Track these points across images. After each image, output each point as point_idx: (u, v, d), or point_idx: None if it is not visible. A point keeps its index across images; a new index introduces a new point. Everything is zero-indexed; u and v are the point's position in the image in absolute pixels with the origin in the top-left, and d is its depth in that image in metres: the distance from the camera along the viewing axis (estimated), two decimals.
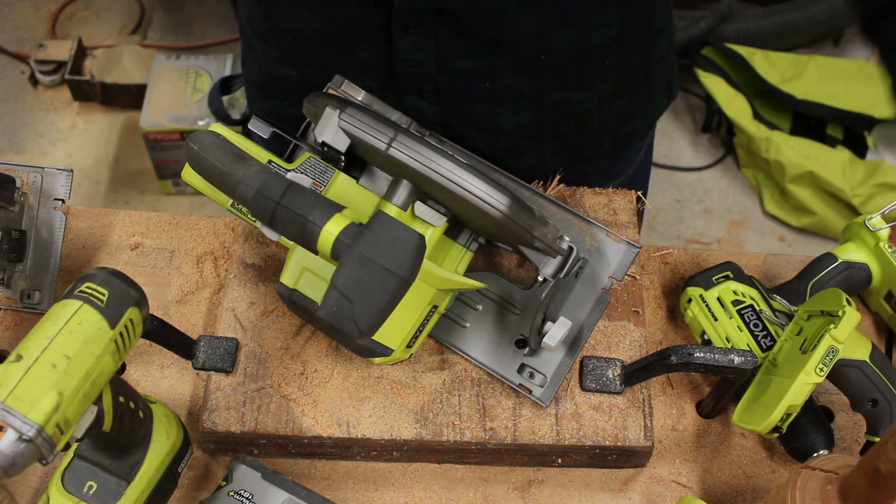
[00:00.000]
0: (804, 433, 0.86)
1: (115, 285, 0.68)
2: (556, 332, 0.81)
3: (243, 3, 1.03)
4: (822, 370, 0.79)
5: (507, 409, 0.86)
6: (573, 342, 0.89)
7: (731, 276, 0.91)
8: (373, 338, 0.79)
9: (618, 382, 0.87)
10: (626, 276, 0.92)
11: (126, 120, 2.57)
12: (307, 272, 0.79)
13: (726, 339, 0.89)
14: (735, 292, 0.90)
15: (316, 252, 0.66)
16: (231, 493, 0.79)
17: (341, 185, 0.84)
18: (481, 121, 0.99)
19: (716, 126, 2.44)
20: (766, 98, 2.29)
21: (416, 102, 0.97)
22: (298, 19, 0.95)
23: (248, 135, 0.88)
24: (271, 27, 0.99)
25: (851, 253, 0.94)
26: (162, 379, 0.93)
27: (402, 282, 0.63)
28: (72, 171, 0.95)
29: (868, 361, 0.84)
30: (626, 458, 0.88)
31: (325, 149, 0.77)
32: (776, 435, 0.81)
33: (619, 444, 0.85)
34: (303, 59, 0.99)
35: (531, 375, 0.88)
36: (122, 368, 0.93)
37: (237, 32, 2.53)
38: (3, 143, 2.52)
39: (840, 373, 0.84)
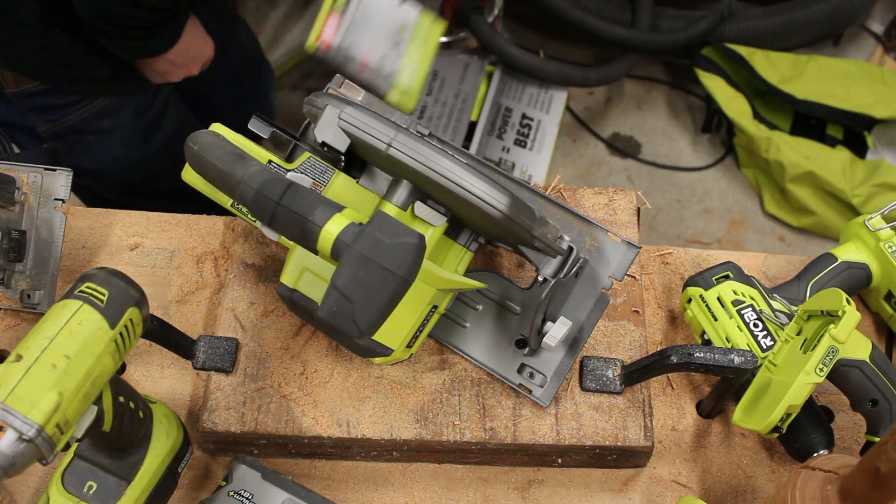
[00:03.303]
0: (804, 433, 0.86)
1: (115, 285, 0.68)
2: (556, 332, 0.81)
3: None
4: (822, 370, 0.79)
5: (507, 409, 0.86)
6: (573, 342, 0.89)
7: (731, 276, 0.91)
8: (373, 338, 0.79)
9: (618, 382, 0.87)
10: (626, 276, 0.92)
11: None
12: (307, 272, 0.79)
13: (726, 339, 0.89)
14: (735, 292, 0.90)
15: (316, 252, 0.66)
16: (231, 493, 0.79)
17: (341, 185, 0.84)
18: None
19: (716, 126, 2.44)
20: (766, 98, 2.29)
21: None
22: None
23: (249, 135, 0.88)
24: None
25: (851, 253, 0.94)
26: (162, 379, 0.93)
27: (402, 282, 0.63)
28: (72, 171, 0.95)
29: (868, 361, 0.84)
30: (626, 458, 0.88)
31: (325, 149, 0.77)
32: (776, 435, 0.81)
33: (619, 444, 0.85)
34: None
35: (531, 375, 0.87)
36: (122, 368, 0.93)
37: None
38: None
39: (840, 373, 0.84)
